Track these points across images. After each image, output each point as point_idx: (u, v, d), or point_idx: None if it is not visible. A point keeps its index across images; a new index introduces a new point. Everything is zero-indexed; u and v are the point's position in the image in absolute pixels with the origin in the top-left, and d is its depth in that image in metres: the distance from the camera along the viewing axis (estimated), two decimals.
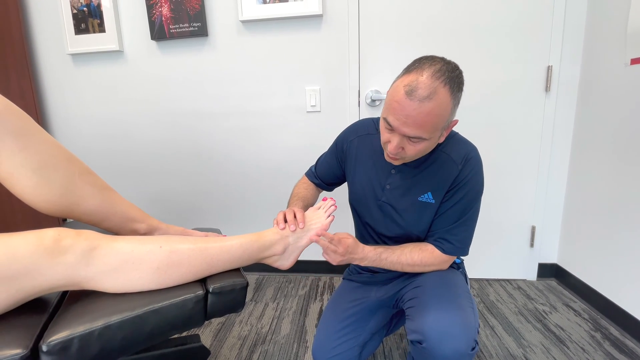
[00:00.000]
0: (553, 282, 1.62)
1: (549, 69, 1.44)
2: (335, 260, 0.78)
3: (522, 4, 1.41)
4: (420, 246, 0.82)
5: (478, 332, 0.71)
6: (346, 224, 1.57)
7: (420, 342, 0.69)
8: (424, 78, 0.64)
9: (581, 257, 1.48)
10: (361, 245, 0.79)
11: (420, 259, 0.80)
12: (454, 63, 0.69)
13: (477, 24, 1.44)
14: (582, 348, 1.16)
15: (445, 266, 0.84)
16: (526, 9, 1.41)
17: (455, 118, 0.72)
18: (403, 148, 0.71)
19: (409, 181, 0.82)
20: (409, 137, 0.68)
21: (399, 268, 0.82)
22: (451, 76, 0.65)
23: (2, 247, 0.50)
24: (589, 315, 1.35)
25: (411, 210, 0.83)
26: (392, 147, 0.70)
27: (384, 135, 0.73)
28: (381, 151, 0.87)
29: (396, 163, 0.78)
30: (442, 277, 0.82)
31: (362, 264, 0.80)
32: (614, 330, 1.25)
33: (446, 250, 0.81)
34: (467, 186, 0.78)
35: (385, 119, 0.70)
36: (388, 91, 0.72)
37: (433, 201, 0.81)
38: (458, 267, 0.91)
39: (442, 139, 0.75)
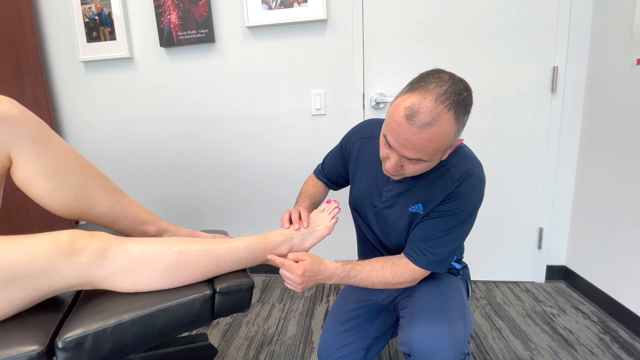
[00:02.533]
0: (562, 285, 1.60)
1: (555, 69, 1.44)
2: (296, 286, 0.71)
3: (527, 6, 1.41)
4: (393, 260, 0.78)
5: (469, 342, 0.70)
6: (351, 226, 1.58)
7: (408, 355, 0.69)
8: (427, 102, 0.59)
9: (590, 258, 1.46)
10: (325, 262, 0.74)
11: (393, 275, 0.75)
12: (463, 83, 0.63)
13: (482, 26, 1.45)
14: (590, 351, 1.15)
15: (413, 278, 0.77)
16: (531, 10, 1.41)
17: (460, 137, 0.68)
18: (402, 166, 0.68)
19: (404, 190, 0.79)
20: (408, 158, 0.65)
21: (369, 286, 0.76)
22: (457, 100, 0.60)
23: (21, 248, 0.53)
24: (597, 317, 1.33)
25: (400, 221, 0.80)
26: (390, 166, 0.67)
27: (383, 150, 0.69)
28: None
29: (395, 179, 0.75)
30: (434, 285, 0.80)
31: (330, 282, 0.75)
32: (623, 333, 1.23)
33: (419, 263, 0.75)
34: (460, 201, 0.72)
35: (384, 136, 0.66)
36: (390, 106, 0.67)
37: (422, 212, 0.77)
38: (457, 272, 0.89)
39: (445, 157, 0.70)
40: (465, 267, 0.94)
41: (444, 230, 0.74)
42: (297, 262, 0.72)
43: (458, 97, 0.60)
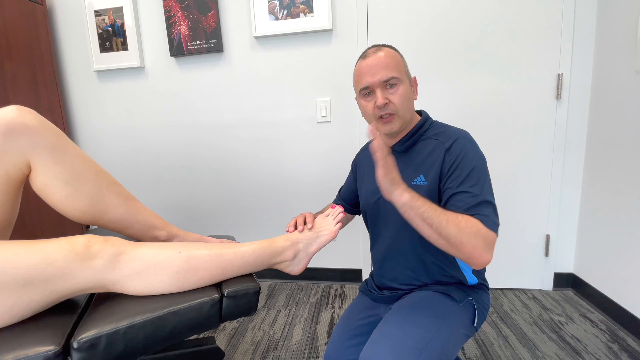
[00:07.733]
0: (570, 292, 1.58)
1: (560, 77, 1.44)
2: (385, 166, 0.64)
3: (531, 13, 1.42)
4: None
5: None
6: (356, 233, 1.60)
7: None
8: (371, 48, 0.81)
9: (598, 266, 1.45)
10: None
11: (459, 216, 0.66)
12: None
13: (486, 34, 1.46)
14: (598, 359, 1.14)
15: (485, 242, 0.65)
16: (535, 17, 1.42)
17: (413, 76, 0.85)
18: (389, 100, 0.77)
19: (401, 168, 0.78)
20: (387, 85, 0.77)
21: (443, 218, 0.65)
22: (392, 47, 0.81)
23: (39, 252, 0.55)
24: (606, 326, 1.32)
25: None
26: (380, 99, 0.77)
27: (367, 105, 0.80)
28: None
29: (391, 127, 0.78)
30: (409, 311, 0.75)
31: (403, 198, 0.65)
32: (632, 342, 1.22)
33: (468, 208, 0.69)
34: (460, 156, 0.73)
35: (361, 90, 0.80)
36: (353, 79, 0.85)
37: (425, 183, 0.78)
38: (466, 291, 0.81)
39: (415, 96, 0.83)
40: (480, 287, 0.85)
41: (464, 175, 0.72)
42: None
43: (392, 47, 0.82)
